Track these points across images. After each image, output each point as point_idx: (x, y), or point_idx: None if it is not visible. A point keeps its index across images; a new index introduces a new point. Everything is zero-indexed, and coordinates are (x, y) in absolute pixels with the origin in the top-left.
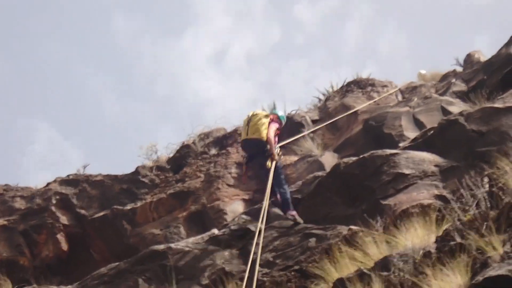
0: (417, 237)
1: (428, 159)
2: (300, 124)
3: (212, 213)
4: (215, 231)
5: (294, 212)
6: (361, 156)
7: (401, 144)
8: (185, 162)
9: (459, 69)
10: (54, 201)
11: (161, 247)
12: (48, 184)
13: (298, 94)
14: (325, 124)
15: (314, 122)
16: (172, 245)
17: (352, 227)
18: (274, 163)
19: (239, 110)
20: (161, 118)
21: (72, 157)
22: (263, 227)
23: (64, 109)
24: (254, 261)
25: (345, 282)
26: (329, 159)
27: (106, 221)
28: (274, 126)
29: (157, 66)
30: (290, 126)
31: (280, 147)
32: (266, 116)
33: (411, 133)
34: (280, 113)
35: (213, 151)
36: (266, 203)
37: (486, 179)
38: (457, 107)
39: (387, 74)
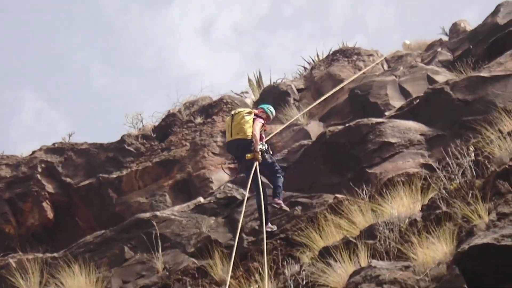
0: (403, 205)
1: (414, 128)
2: (286, 93)
3: (197, 181)
4: (201, 199)
5: (280, 201)
6: (347, 124)
7: (387, 113)
8: (170, 130)
9: (445, 38)
10: (39, 169)
11: (147, 215)
12: (33, 152)
13: (285, 65)
14: (318, 101)
15: (300, 91)
16: (158, 213)
17: (338, 195)
18: (256, 162)
19: (226, 81)
20: (148, 90)
21: (59, 128)
22: (247, 195)
23: (51, 80)
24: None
25: (331, 250)
26: (314, 128)
27: (91, 190)
28: (259, 122)
29: (144, 37)
30: (276, 95)
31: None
32: (249, 113)
33: (397, 102)
34: (266, 106)
35: (199, 120)
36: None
37: (471, 148)
38: (442, 76)
39: (375, 46)
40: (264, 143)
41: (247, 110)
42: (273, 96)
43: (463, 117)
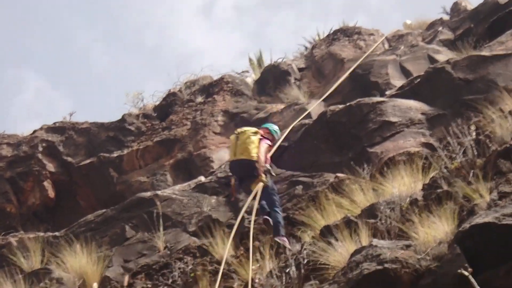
0: (404, 184)
1: (415, 107)
2: (287, 72)
3: (198, 160)
4: (202, 178)
5: (284, 239)
6: (348, 104)
7: (387, 92)
8: (171, 110)
9: (446, 17)
10: (40, 149)
11: (148, 194)
12: (34, 131)
13: (286, 44)
14: (328, 92)
15: (301, 70)
16: (159, 192)
17: (339, 174)
18: (261, 185)
19: (227, 61)
20: (149, 69)
21: (60, 107)
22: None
23: (52, 59)
24: (240, 209)
25: (332, 229)
26: (315, 107)
27: (92, 169)
28: (265, 144)
29: (145, 17)
30: (276, 74)
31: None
32: (255, 133)
33: (398, 81)
34: (272, 127)
35: (200, 99)
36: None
37: (473, 127)
38: (443, 55)
39: (376, 25)
40: (269, 165)
41: (253, 130)
42: (274, 75)
43: (464, 96)
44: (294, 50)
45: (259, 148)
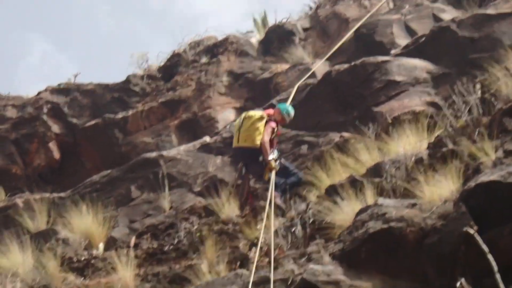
0: (409, 143)
1: (420, 66)
2: (291, 32)
3: (203, 121)
4: (207, 138)
5: (278, 198)
6: (353, 63)
7: (392, 52)
8: (176, 70)
9: None
10: (45, 110)
11: (153, 154)
12: (39, 93)
13: (291, 5)
14: (331, 51)
15: (305, 30)
16: (164, 152)
17: (344, 134)
18: (273, 172)
19: (232, 23)
20: (154, 31)
21: (67, 70)
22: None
23: (58, 23)
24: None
25: (337, 189)
26: (320, 67)
27: (97, 130)
28: (270, 128)
29: None
30: (281, 35)
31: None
32: (261, 118)
33: (403, 41)
34: (284, 107)
35: (204, 60)
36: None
37: (478, 86)
38: (448, 14)
39: None
40: (274, 151)
41: (259, 114)
42: (278, 35)
43: (469, 54)
44: (298, 10)
45: (263, 134)
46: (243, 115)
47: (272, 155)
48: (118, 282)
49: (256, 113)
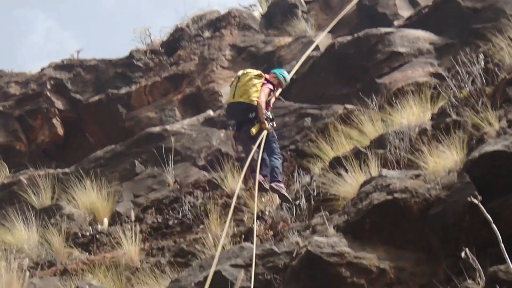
0: (413, 114)
1: (423, 37)
2: (294, 5)
3: (206, 95)
4: (211, 112)
5: (281, 185)
6: (356, 35)
7: (395, 23)
8: (179, 45)
9: None
10: (49, 86)
11: (157, 129)
12: (42, 69)
13: None
14: (333, 22)
15: (308, 3)
16: (168, 127)
17: (348, 106)
18: (264, 132)
19: None
20: (157, 6)
21: (70, 47)
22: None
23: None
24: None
25: (341, 161)
26: (323, 40)
27: (101, 106)
28: (267, 88)
29: None
30: (284, 8)
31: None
32: (259, 76)
33: (406, 12)
34: (279, 71)
35: (207, 34)
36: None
37: (481, 56)
38: None
39: None
40: (270, 112)
41: (257, 72)
42: (281, 8)
43: (472, 25)
44: None
45: (260, 93)
46: (240, 72)
47: (268, 114)
48: (123, 256)
49: (254, 70)
